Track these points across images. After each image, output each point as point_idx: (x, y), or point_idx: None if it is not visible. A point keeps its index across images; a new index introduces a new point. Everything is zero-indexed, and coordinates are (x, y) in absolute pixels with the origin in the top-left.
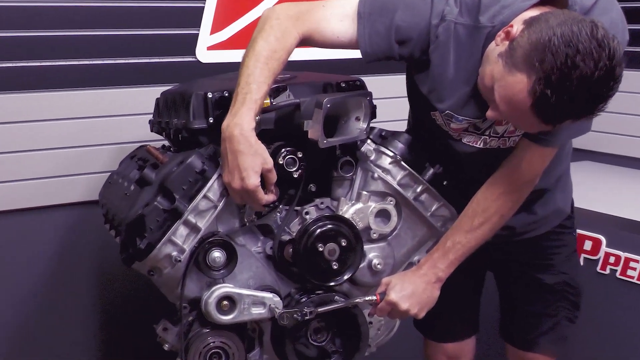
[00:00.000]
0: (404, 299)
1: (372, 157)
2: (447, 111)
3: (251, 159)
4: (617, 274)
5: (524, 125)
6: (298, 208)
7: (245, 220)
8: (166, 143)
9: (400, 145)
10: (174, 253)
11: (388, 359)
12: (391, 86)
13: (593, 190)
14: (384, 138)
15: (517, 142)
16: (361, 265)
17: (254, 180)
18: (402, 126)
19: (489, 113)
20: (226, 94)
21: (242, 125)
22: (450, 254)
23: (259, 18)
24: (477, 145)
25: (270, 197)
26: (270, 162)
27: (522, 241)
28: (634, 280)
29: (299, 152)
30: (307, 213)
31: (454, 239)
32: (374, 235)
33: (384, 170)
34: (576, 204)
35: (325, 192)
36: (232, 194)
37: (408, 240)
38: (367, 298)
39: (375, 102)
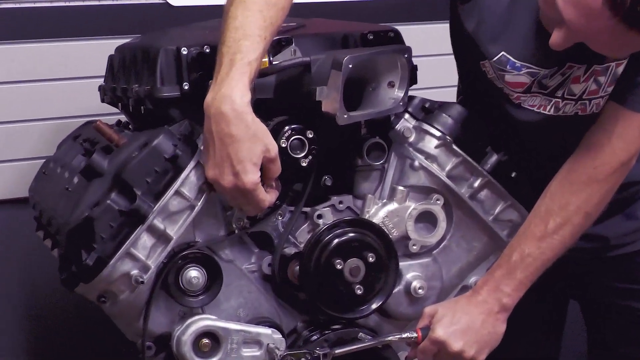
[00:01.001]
0: (455, 336)
1: (412, 139)
2: (502, 54)
3: (248, 146)
4: None
5: (604, 45)
6: (307, 209)
7: (234, 226)
8: (123, 118)
9: (450, 121)
10: (135, 272)
11: None
12: (438, 38)
13: None
14: (429, 112)
15: (603, 107)
16: (396, 290)
17: (252, 177)
18: (453, 95)
19: (554, 37)
20: (207, 50)
21: (233, 99)
22: (518, 272)
23: None
24: (545, 112)
25: (271, 196)
26: (274, 150)
27: (617, 258)
28: None
29: (308, 132)
30: (319, 216)
31: (523, 250)
32: (414, 247)
33: (429, 156)
34: None
35: (346, 188)
36: (221, 193)
37: (461, 254)
38: (404, 335)
39: (415, 61)
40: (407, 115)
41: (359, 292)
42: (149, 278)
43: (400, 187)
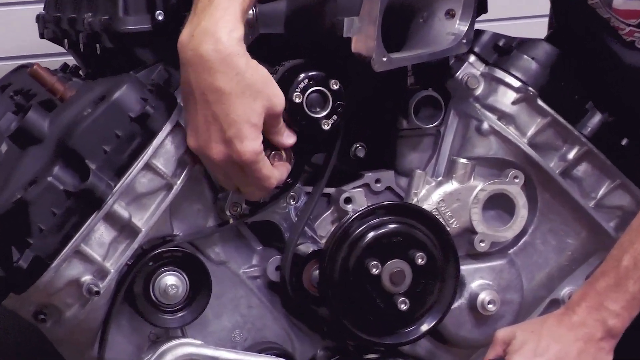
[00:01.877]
0: None
1: (480, 91)
2: None
3: (243, 102)
4: None
5: None
6: (331, 191)
7: (228, 214)
8: (71, 60)
9: (534, 65)
10: (87, 278)
11: None
12: None
13: None
14: (504, 52)
15: None
16: (456, 305)
17: (251, 144)
18: (541, 30)
19: None
20: None
21: (217, 36)
22: (631, 283)
23: None
24: None
25: (280, 172)
26: (281, 103)
27: None
28: None
29: (332, 81)
30: (348, 200)
31: (638, 250)
32: (482, 245)
33: (503, 116)
34: None
35: (384, 160)
36: (210, 169)
37: (549, 255)
38: None
39: None
40: (472, 58)
41: (403, 307)
42: (108, 287)
43: (463, 160)
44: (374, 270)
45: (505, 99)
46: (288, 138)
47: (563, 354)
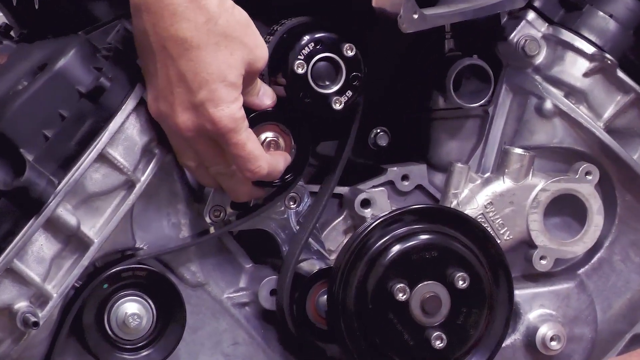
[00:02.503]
0: None
1: (541, 59)
2: None
3: (216, 55)
4: None
5: None
6: (343, 190)
7: (208, 221)
8: (0, 17)
9: (613, 25)
10: (22, 305)
11: None
12: None
13: None
14: (573, 7)
15: None
16: (508, 342)
17: (228, 109)
18: None
19: None
20: None
21: None
22: None
23: None
24: None
25: (275, 161)
26: (263, 56)
27: None
28: None
29: (346, 46)
30: (366, 203)
31: None
32: (543, 263)
33: (573, 92)
34: None
35: (414, 150)
36: (177, 148)
37: (632, 276)
38: None
39: None
40: (532, 15)
41: (438, 344)
42: (49, 317)
43: (518, 150)
44: (401, 295)
45: (575, 69)
46: (265, 98)
47: None
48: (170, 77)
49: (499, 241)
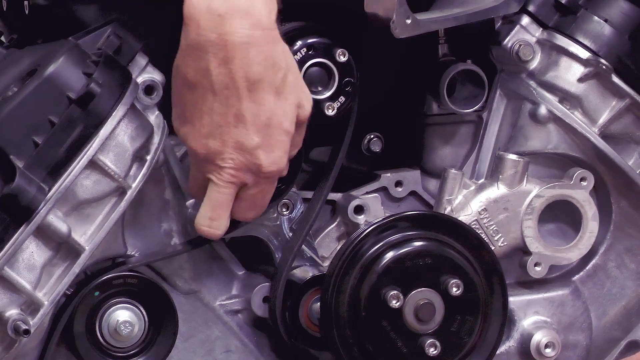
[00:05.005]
0: None
1: (535, 64)
2: None
3: (279, 101)
4: None
5: None
6: (336, 196)
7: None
8: None
9: (607, 30)
10: (12, 312)
11: None
12: None
13: None
14: (568, 12)
15: None
16: (503, 349)
17: (280, 158)
18: None
19: None
20: None
21: (255, 15)
22: None
23: None
24: None
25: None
26: (310, 105)
27: None
28: None
29: (339, 52)
30: (359, 209)
31: None
32: (538, 269)
33: (567, 97)
34: None
35: (408, 156)
36: (196, 179)
37: (627, 283)
38: None
39: None
40: (526, 20)
41: (432, 352)
42: (40, 325)
43: (512, 156)
44: (394, 302)
45: (570, 74)
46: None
47: None
48: (228, 116)
49: (493, 248)
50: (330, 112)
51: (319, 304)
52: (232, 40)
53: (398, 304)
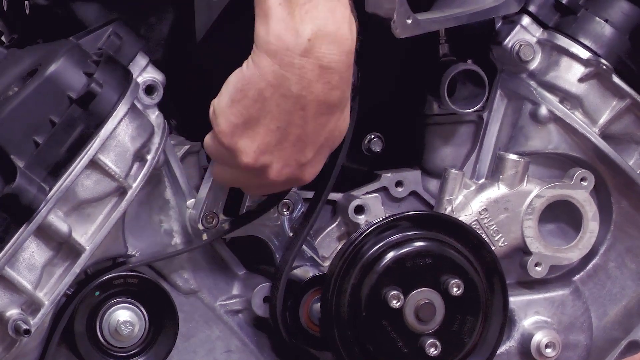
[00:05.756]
0: None
1: (536, 64)
2: None
3: (337, 122)
4: None
5: None
6: (337, 196)
7: (201, 227)
8: None
9: (608, 30)
10: (13, 312)
11: None
12: None
13: None
14: (568, 12)
15: None
16: (503, 349)
17: (319, 169)
18: None
19: None
20: None
21: (342, 40)
22: None
23: None
24: None
25: None
26: (345, 130)
27: None
28: None
29: None
30: (360, 209)
31: None
32: (538, 269)
33: (567, 97)
34: None
35: (408, 156)
36: (222, 177)
37: (627, 283)
38: None
39: None
40: (526, 20)
41: (433, 352)
42: (40, 324)
43: (513, 156)
44: (395, 302)
45: (570, 75)
46: None
47: None
48: (289, 134)
49: (493, 248)
50: None
51: (319, 304)
52: (318, 65)
53: (398, 304)
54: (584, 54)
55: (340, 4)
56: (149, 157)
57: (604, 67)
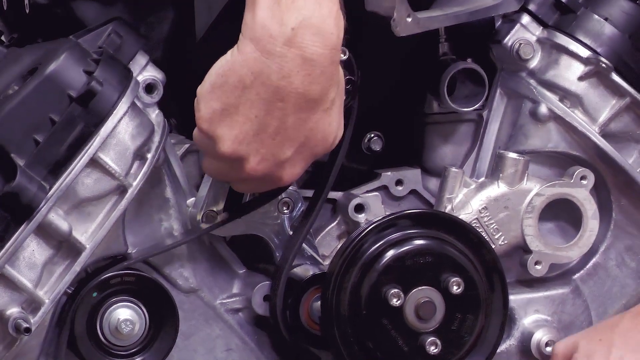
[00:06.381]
0: None
1: (535, 63)
2: None
3: (323, 121)
4: None
5: None
6: (337, 195)
7: (201, 224)
8: None
9: (608, 29)
10: (13, 311)
11: None
12: None
13: None
14: (568, 10)
15: None
16: (503, 348)
17: (297, 174)
18: None
19: None
20: None
21: (327, 34)
22: None
23: None
24: None
25: None
26: (340, 135)
27: None
28: None
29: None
30: (360, 208)
31: None
32: (538, 268)
33: (567, 96)
34: None
35: (408, 155)
36: (209, 168)
37: (627, 281)
38: None
39: None
40: (526, 19)
41: (433, 350)
42: (41, 323)
43: (513, 154)
44: (395, 300)
45: (570, 73)
46: None
47: None
48: (269, 127)
49: (493, 246)
50: None
51: (319, 302)
52: (300, 55)
53: (399, 302)
54: (584, 53)
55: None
56: (149, 156)
57: (604, 65)
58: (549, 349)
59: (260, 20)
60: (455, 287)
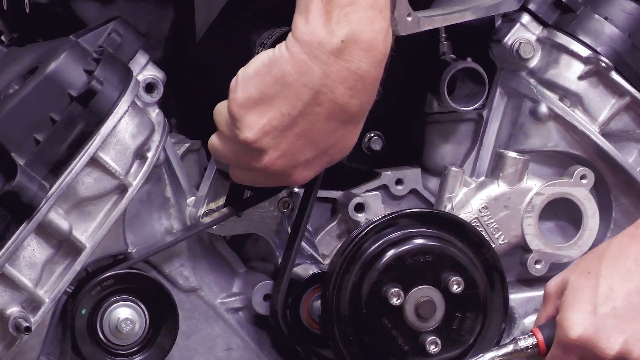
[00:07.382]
0: (609, 327)
1: (535, 62)
2: None
3: (348, 137)
4: None
5: None
6: (337, 194)
7: (201, 223)
8: None
9: (608, 28)
10: (14, 310)
11: None
12: None
13: None
14: (568, 10)
15: None
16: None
17: (311, 177)
18: None
19: None
20: None
21: (377, 50)
22: None
23: None
24: None
25: None
26: (352, 146)
27: None
28: None
29: None
30: (360, 207)
31: None
32: (538, 267)
33: (567, 95)
34: None
35: (408, 154)
36: (239, 176)
37: None
38: (510, 349)
39: None
40: (526, 18)
41: (433, 349)
42: (41, 322)
43: (513, 154)
44: (395, 299)
45: (570, 72)
46: None
47: (638, 297)
48: (297, 125)
49: (493, 245)
50: None
51: (319, 301)
52: (346, 68)
53: (399, 301)
54: (584, 52)
55: (381, 15)
56: (149, 155)
57: (604, 64)
58: None
59: (311, 26)
60: (455, 287)
